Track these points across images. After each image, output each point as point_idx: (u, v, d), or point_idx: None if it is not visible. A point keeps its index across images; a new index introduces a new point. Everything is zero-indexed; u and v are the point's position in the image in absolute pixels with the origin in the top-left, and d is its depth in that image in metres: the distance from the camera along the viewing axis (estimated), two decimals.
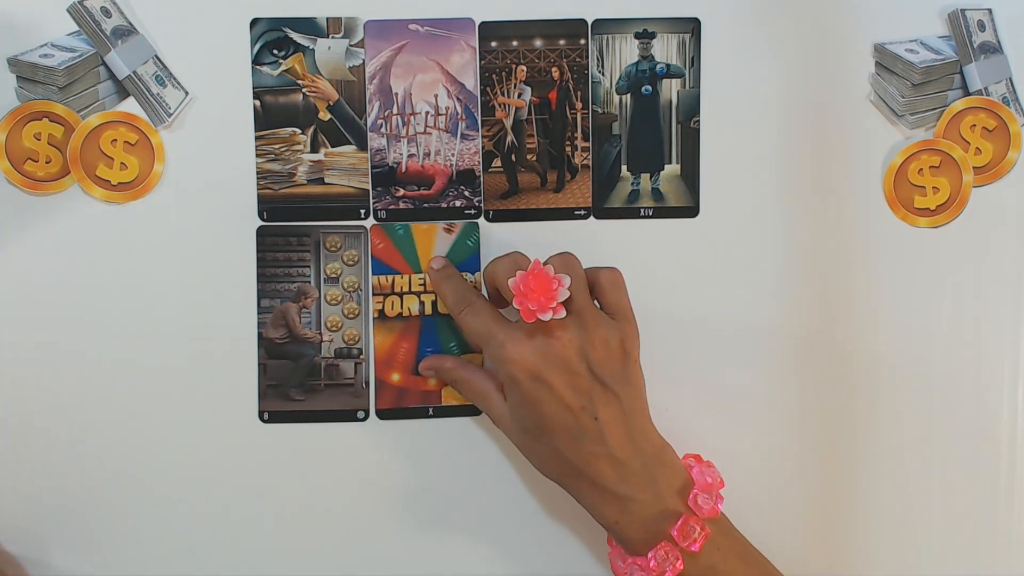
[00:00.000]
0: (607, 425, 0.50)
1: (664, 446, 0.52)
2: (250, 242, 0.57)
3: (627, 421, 0.50)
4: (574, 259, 0.52)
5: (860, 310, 0.58)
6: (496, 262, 0.53)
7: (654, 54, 0.58)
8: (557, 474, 0.52)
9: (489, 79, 0.57)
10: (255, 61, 0.56)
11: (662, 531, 0.50)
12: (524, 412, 0.51)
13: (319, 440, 0.57)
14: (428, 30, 0.57)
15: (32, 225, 0.56)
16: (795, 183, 0.58)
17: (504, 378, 0.51)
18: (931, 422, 0.59)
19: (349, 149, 0.57)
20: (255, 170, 0.57)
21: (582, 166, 0.58)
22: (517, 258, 0.52)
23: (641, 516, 0.50)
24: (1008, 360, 0.59)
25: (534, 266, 0.50)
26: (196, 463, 0.57)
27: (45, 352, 0.56)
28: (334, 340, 0.58)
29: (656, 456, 0.51)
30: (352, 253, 0.57)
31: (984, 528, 0.59)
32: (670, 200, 0.58)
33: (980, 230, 0.59)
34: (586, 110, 0.58)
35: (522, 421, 0.51)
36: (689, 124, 0.58)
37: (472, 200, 0.58)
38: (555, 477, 0.52)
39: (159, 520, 0.57)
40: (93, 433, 0.56)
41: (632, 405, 0.51)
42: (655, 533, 0.50)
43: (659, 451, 0.52)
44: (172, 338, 0.57)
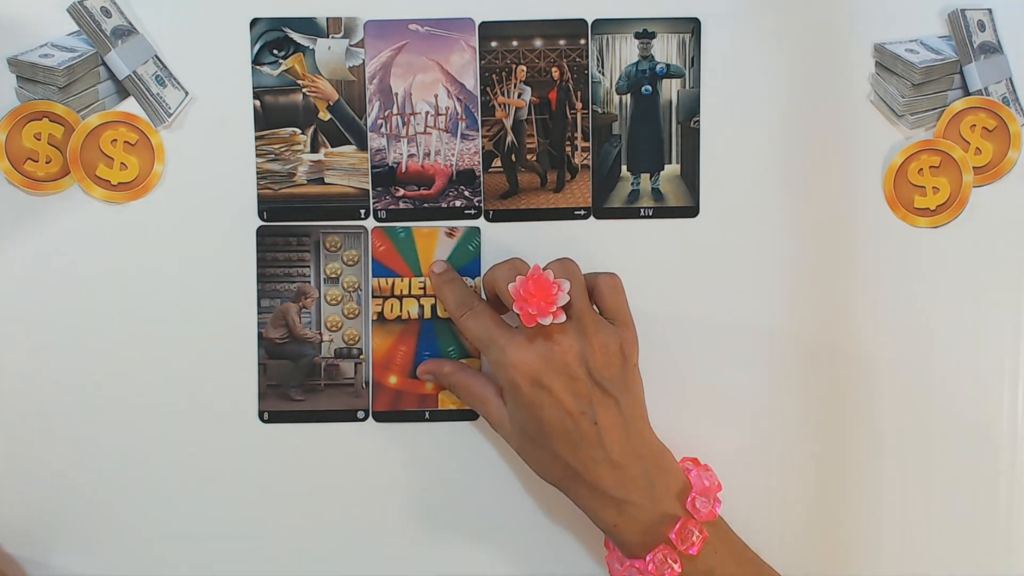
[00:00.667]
0: (606, 430, 0.50)
1: (663, 450, 0.52)
2: (250, 242, 0.57)
3: (626, 426, 0.51)
4: (573, 264, 0.52)
5: (860, 310, 0.58)
6: (496, 268, 0.53)
7: (654, 54, 0.58)
8: (556, 478, 0.52)
9: (489, 79, 0.57)
10: (255, 61, 0.56)
11: (660, 534, 0.50)
12: (524, 416, 0.51)
13: (319, 440, 0.57)
14: (428, 30, 0.57)
15: (32, 225, 0.56)
16: (795, 183, 0.58)
17: (504, 382, 0.51)
18: (931, 422, 0.59)
19: (349, 149, 0.57)
20: (255, 170, 0.57)
21: (582, 166, 0.58)
22: (517, 263, 0.53)
23: (639, 520, 0.50)
24: (1008, 360, 0.59)
25: (534, 271, 0.50)
26: (196, 463, 0.57)
27: (45, 352, 0.56)
28: (334, 340, 0.58)
29: (655, 460, 0.51)
30: (352, 253, 0.57)
31: (984, 528, 0.59)
32: (670, 200, 0.58)
33: (980, 230, 0.59)
34: (586, 110, 0.58)
35: (521, 425, 0.51)
36: (689, 124, 0.58)
37: (472, 200, 0.58)
38: (554, 481, 0.52)
39: (159, 520, 0.57)
40: (93, 433, 0.56)
41: (631, 411, 0.51)
42: (653, 536, 0.50)
43: (658, 455, 0.52)
44: (172, 338, 0.57)
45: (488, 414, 0.54)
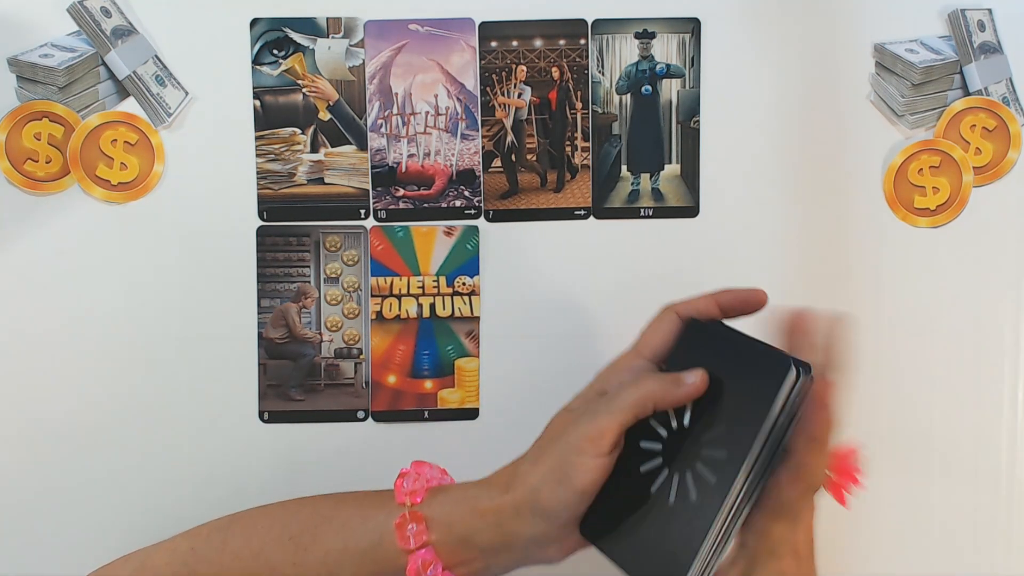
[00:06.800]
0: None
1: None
2: (250, 242, 0.57)
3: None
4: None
5: (860, 310, 0.58)
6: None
7: (654, 54, 0.58)
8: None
9: (489, 79, 0.57)
10: (255, 61, 0.56)
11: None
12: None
13: (319, 440, 0.57)
14: (428, 30, 0.57)
15: (32, 225, 0.56)
16: (795, 183, 0.58)
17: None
18: (931, 422, 0.59)
19: (349, 149, 0.57)
20: (255, 170, 0.57)
21: (582, 166, 0.58)
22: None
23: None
24: (1008, 360, 0.59)
25: (846, 450, 0.47)
26: (196, 463, 0.57)
27: (45, 351, 0.56)
28: (334, 340, 0.58)
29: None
30: (352, 253, 0.57)
31: (984, 528, 0.59)
32: (670, 200, 0.58)
33: (980, 230, 0.58)
34: (586, 110, 0.58)
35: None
36: (689, 124, 0.58)
37: (472, 200, 0.58)
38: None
39: (159, 519, 0.57)
40: (93, 432, 0.56)
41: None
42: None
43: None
44: (172, 338, 0.57)
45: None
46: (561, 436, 0.45)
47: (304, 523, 0.47)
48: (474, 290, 0.57)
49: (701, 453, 0.43)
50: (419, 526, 0.45)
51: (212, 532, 0.49)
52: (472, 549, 0.46)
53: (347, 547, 0.46)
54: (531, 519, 0.45)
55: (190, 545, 0.48)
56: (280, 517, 0.48)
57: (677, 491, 0.43)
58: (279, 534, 0.47)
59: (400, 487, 0.47)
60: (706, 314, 0.47)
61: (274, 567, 0.47)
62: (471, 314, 0.58)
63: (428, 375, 0.58)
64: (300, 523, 0.47)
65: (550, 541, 0.45)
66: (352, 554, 0.46)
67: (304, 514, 0.48)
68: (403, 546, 0.45)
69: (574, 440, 0.44)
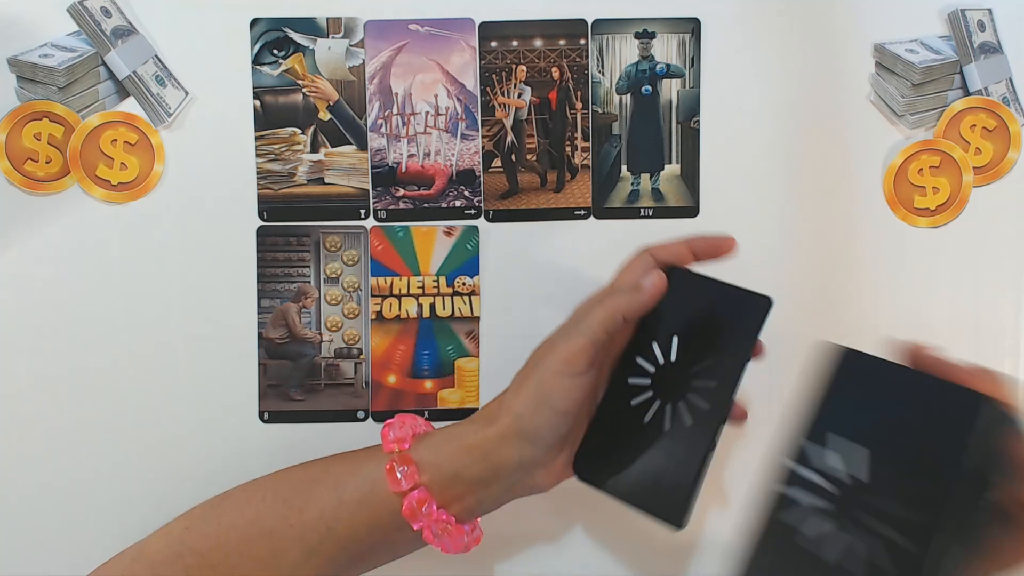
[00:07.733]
0: None
1: None
2: (250, 242, 0.57)
3: None
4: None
5: (860, 310, 0.58)
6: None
7: (654, 54, 0.58)
8: None
9: (489, 79, 0.57)
10: (255, 61, 0.56)
11: None
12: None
13: (319, 440, 0.57)
14: (428, 30, 0.57)
15: (32, 225, 0.56)
16: (795, 183, 0.58)
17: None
18: None
19: (349, 149, 0.57)
20: (255, 170, 0.57)
21: (582, 166, 0.58)
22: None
23: None
24: (1008, 360, 0.59)
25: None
26: (196, 463, 0.57)
27: (45, 351, 0.56)
28: (334, 340, 0.58)
29: None
30: (352, 253, 0.57)
31: None
32: (670, 200, 0.58)
33: (980, 230, 0.59)
34: (586, 110, 0.58)
35: None
36: (689, 124, 0.58)
37: (472, 200, 0.58)
38: None
39: (159, 519, 0.57)
40: (93, 432, 0.56)
41: None
42: None
43: None
44: (172, 338, 0.57)
45: None
46: (540, 363, 0.48)
47: (296, 486, 0.48)
48: (474, 290, 0.57)
49: (692, 384, 0.48)
50: (409, 468, 0.47)
51: (205, 510, 0.50)
52: (462, 484, 0.48)
53: (341, 501, 0.47)
54: (516, 444, 0.47)
55: (184, 525, 0.49)
56: (271, 486, 0.49)
57: (672, 419, 0.48)
58: (272, 500, 0.48)
59: (387, 436, 0.49)
60: (679, 258, 0.51)
61: (271, 531, 0.47)
62: (471, 314, 0.58)
63: (428, 375, 0.58)
64: (292, 487, 0.49)
65: (537, 466, 0.48)
66: (347, 506, 0.47)
67: (295, 479, 0.49)
68: (395, 489, 0.47)
69: (551, 363, 0.47)
